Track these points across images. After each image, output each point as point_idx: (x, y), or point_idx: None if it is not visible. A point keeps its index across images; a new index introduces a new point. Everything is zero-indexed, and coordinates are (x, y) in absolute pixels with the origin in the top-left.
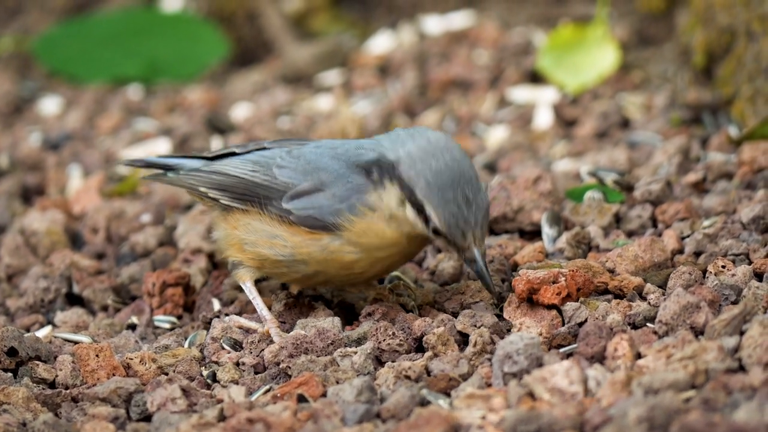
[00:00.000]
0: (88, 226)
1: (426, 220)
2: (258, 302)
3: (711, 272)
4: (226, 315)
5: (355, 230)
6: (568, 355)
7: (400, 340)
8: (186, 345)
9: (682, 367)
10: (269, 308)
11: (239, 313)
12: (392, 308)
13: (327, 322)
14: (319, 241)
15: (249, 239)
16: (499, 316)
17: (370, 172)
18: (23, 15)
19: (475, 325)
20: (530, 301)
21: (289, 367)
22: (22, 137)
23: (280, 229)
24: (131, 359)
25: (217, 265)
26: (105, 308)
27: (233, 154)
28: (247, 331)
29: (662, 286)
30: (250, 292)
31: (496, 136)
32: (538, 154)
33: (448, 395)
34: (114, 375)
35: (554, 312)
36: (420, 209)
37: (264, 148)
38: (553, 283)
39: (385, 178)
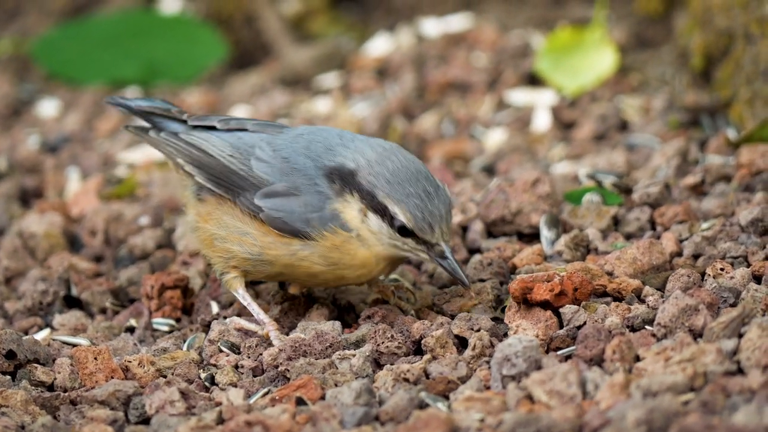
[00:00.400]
0: (86, 228)
1: (391, 222)
2: (253, 307)
3: (709, 275)
4: (225, 317)
5: (325, 245)
6: (567, 358)
7: (399, 343)
8: (185, 348)
9: (680, 369)
10: (266, 312)
11: (239, 315)
12: (392, 311)
13: (326, 325)
14: (289, 245)
15: (219, 234)
16: (497, 319)
17: (333, 182)
18: (22, 17)
19: (473, 328)
20: (526, 302)
21: (288, 370)
22: (20, 140)
23: (252, 227)
24: (130, 362)
25: None
26: (103, 311)
27: (213, 128)
28: (247, 333)
29: (661, 288)
30: (244, 298)
31: (495, 138)
32: (536, 157)
33: (447, 398)
34: (112, 378)
35: (549, 313)
36: (383, 211)
37: (245, 130)
38: (547, 281)
39: (345, 191)
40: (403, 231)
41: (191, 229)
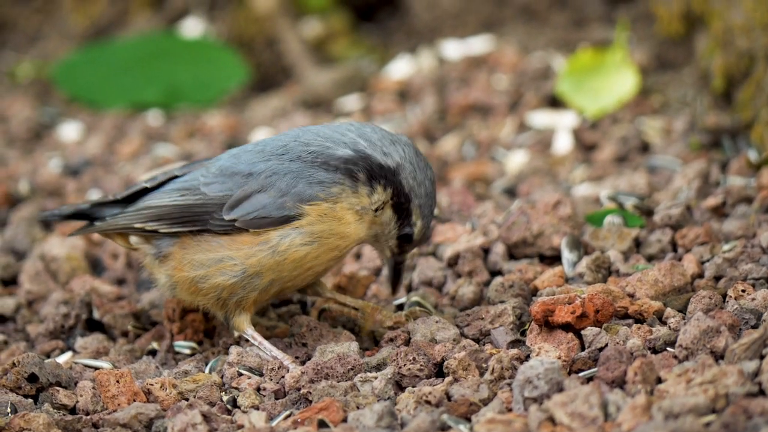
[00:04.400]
0: (108, 251)
1: (401, 225)
2: (265, 346)
3: (731, 296)
4: (246, 340)
5: (311, 218)
6: (589, 380)
7: (421, 365)
8: (207, 371)
9: (702, 391)
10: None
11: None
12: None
13: (347, 348)
14: (267, 243)
15: (199, 274)
16: (519, 342)
17: (353, 172)
18: (43, 41)
19: (495, 351)
20: (547, 324)
21: (310, 393)
22: (41, 163)
23: (224, 249)
24: (152, 385)
25: None
26: (125, 334)
27: (145, 189)
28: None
29: (682, 310)
30: (254, 339)
31: (516, 160)
32: (557, 179)
33: (469, 420)
34: (134, 401)
35: (571, 335)
36: (404, 215)
37: (175, 177)
38: (568, 303)
39: (375, 182)
40: (406, 237)
41: (169, 290)
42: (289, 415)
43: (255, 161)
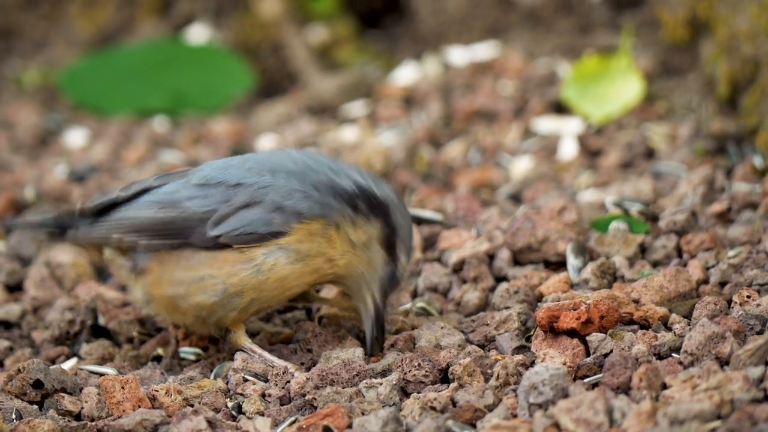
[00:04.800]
0: None
1: (387, 262)
2: (266, 356)
3: (736, 302)
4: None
5: (298, 236)
6: (594, 386)
7: (426, 371)
8: (212, 377)
9: (707, 397)
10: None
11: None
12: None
13: (352, 353)
14: (251, 261)
15: (179, 292)
16: (524, 347)
17: (355, 203)
18: (49, 47)
19: (500, 356)
20: (552, 330)
21: (315, 399)
22: (47, 169)
23: (205, 267)
24: (157, 391)
25: None
26: (130, 340)
27: (117, 200)
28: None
29: (687, 316)
30: (253, 351)
31: (521, 166)
32: (562, 185)
33: (474, 426)
34: (140, 407)
35: (576, 341)
36: (390, 252)
37: (151, 188)
38: (573, 309)
39: (372, 215)
40: (390, 277)
41: (145, 304)
42: (294, 421)
43: (245, 174)
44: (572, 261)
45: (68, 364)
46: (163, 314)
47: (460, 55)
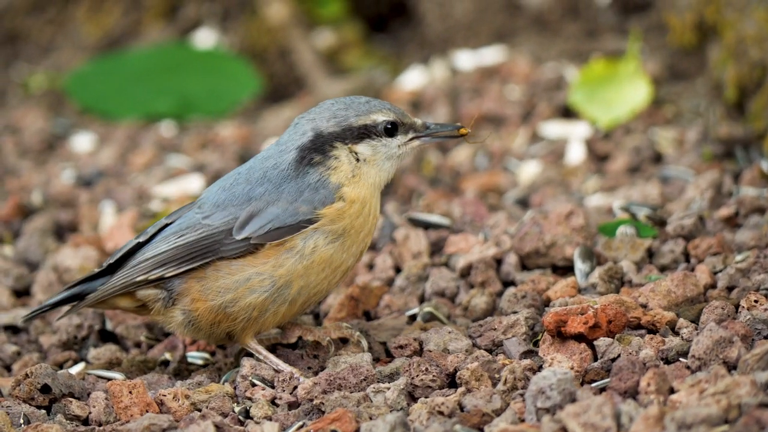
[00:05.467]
0: None
1: (377, 132)
2: (271, 359)
3: (743, 307)
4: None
5: (330, 217)
6: (602, 390)
7: (434, 376)
8: (221, 382)
9: (715, 401)
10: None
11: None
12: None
13: (359, 358)
14: (293, 249)
15: (226, 299)
16: (532, 352)
17: (310, 158)
18: (56, 52)
19: (508, 361)
20: (560, 335)
21: (323, 403)
22: (54, 174)
23: (248, 267)
24: (164, 396)
25: None
26: (138, 345)
27: (138, 245)
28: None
29: (695, 320)
30: (259, 352)
31: (529, 171)
32: (570, 189)
33: (482, 431)
34: (147, 411)
35: (583, 345)
36: (366, 130)
37: (166, 225)
38: (581, 314)
39: (327, 151)
40: (390, 130)
41: (185, 326)
42: (301, 426)
43: (248, 189)
44: (580, 266)
45: (76, 369)
46: (203, 329)
47: (467, 60)
